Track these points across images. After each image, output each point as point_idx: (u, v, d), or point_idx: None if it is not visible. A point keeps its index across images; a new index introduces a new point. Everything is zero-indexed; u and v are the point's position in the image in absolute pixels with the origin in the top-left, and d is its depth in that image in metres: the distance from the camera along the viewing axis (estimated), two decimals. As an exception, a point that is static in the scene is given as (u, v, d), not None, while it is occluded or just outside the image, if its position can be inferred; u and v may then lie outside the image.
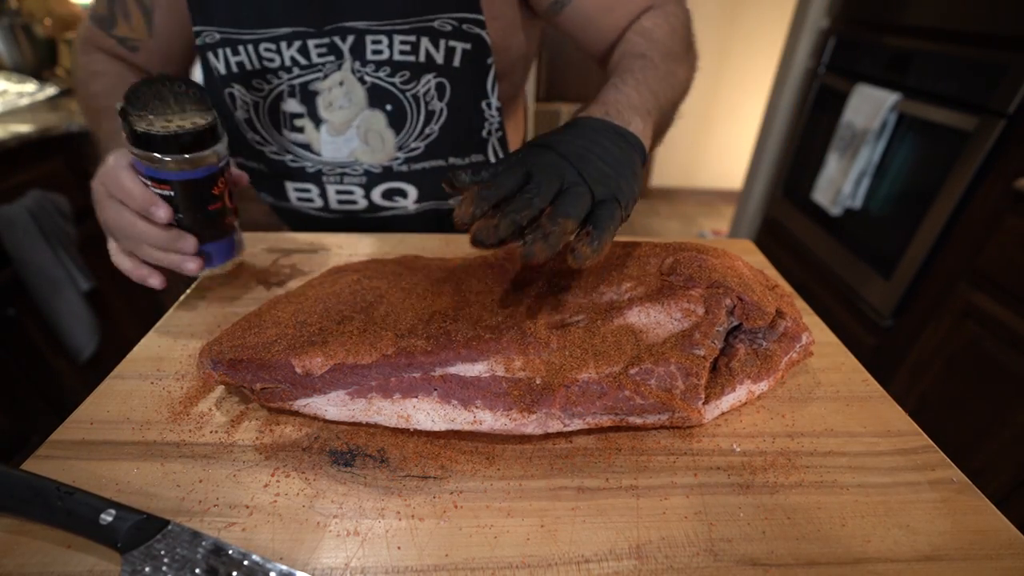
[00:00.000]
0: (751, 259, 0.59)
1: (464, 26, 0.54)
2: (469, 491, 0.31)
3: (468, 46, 0.55)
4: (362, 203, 0.65)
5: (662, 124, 0.48)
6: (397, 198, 0.65)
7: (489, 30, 0.55)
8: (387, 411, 0.34)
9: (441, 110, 0.59)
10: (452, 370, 0.33)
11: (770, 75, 2.00)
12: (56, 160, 1.17)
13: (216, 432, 0.34)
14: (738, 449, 0.34)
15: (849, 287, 1.45)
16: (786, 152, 1.84)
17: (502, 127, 0.62)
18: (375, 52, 0.55)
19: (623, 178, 0.36)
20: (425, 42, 0.54)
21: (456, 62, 0.56)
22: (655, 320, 0.36)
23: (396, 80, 0.56)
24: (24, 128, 1.07)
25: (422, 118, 0.59)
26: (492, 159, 0.63)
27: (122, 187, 0.41)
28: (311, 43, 0.54)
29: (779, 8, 2.56)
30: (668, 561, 0.27)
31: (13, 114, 1.18)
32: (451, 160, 0.62)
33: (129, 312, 1.40)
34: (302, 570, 0.26)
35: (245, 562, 0.26)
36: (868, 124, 1.32)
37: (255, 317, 0.38)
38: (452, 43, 0.55)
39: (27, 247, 1.06)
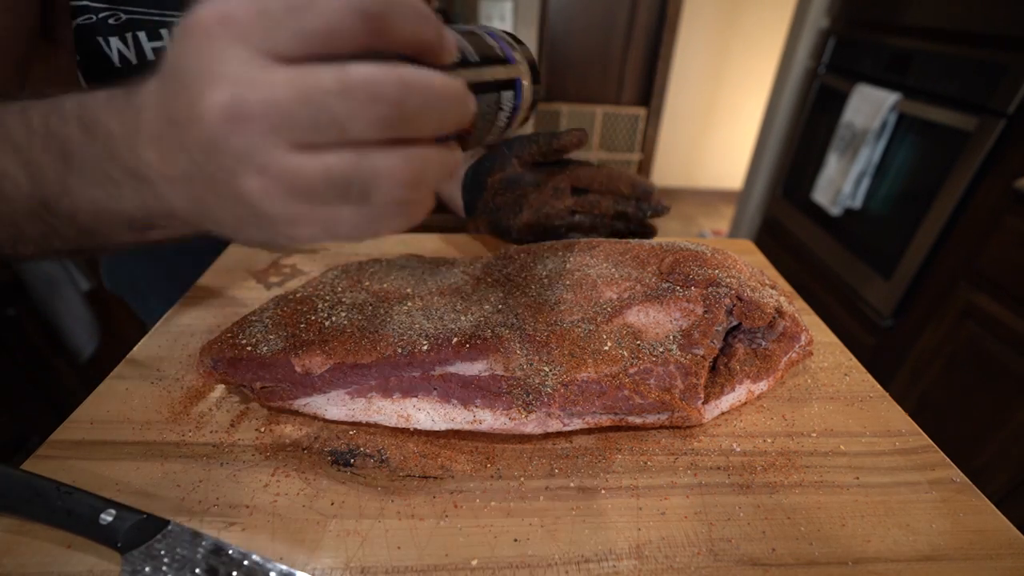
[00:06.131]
0: (751, 259, 0.59)
1: None
2: (469, 491, 0.31)
3: None
4: None
5: None
6: None
7: None
8: (387, 410, 0.34)
9: None
10: (452, 369, 0.33)
11: (770, 75, 2.00)
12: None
13: (216, 432, 0.34)
14: (738, 449, 0.34)
15: (849, 287, 1.45)
16: (786, 152, 1.84)
17: None
18: None
19: None
20: None
21: None
22: (654, 320, 0.36)
23: None
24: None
25: None
26: None
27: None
28: None
29: (779, 8, 2.56)
30: (668, 561, 0.27)
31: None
32: None
33: (129, 312, 1.40)
34: (302, 570, 0.26)
35: (245, 562, 0.26)
36: (868, 124, 1.32)
37: (255, 317, 0.38)
38: None
39: (27, 247, 1.06)
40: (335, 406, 0.34)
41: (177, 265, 0.69)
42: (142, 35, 0.46)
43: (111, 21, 0.45)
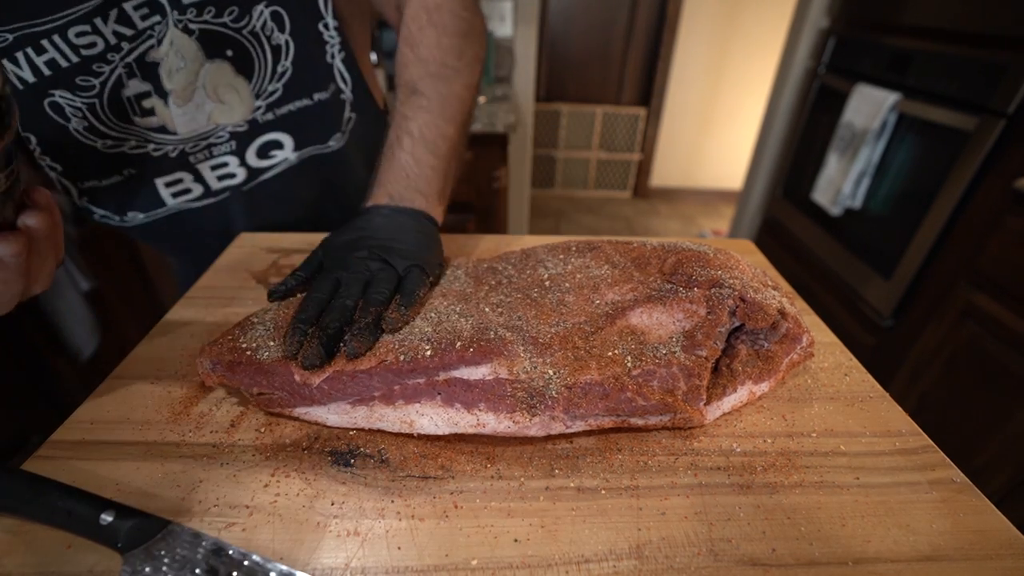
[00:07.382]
0: (751, 259, 0.59)
1: None
2: (469, 491, 0.31)
3: None
4: (241, 173, 0.59)
5: (451, 163, 0.51)
6: (275, 152, 0.59)
7: None
8: (390, 417, 0.33)
9: (287, 42, 0.54)
10: (456, 374, 0.33)
11: (770, 75, 2.00)
12: (56, 160, 1.17)
13: (216, 432, 0.34)
14: (738, 449, 0.34)
15: (849, 287, 1.45)
16: (786, 152, 1.84)
17: (345, 47, 0.57)
18: None
19: (422, 249, 0.42)
20: None
21: None
22: (657, 321, 0.36)
23: (226, 19, 0.50)
24: (24, 128, 1.07)
25: (270, 56, 0.54)
26: (342, 85, 0.59)
27: None
28: (128, 7, 0.46)
29: (779, 8, 2.56)
30: (668, 561, 0.27)
31: (13, 114, 1.18)
32: (316, 97, 0.58)
33: (129, 312, 1.40)
34: (302, 570, 0.26)
35: (245, 562, 0.26)
36: (868, 124, 1.32)
37: (256, 319, 0.38)
38: None
39: (27, 247, 1.06)
40: (336, 414, 0.34)
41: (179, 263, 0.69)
42: (31, 51, 0.44)
43: None
